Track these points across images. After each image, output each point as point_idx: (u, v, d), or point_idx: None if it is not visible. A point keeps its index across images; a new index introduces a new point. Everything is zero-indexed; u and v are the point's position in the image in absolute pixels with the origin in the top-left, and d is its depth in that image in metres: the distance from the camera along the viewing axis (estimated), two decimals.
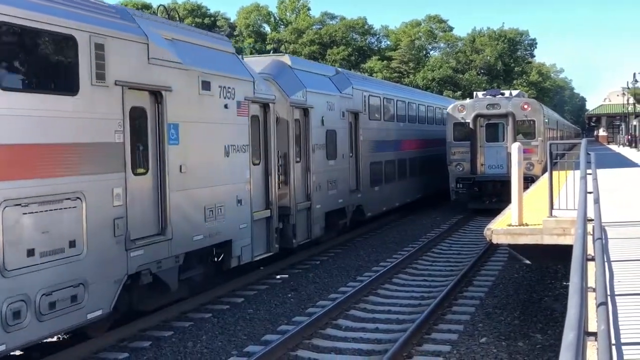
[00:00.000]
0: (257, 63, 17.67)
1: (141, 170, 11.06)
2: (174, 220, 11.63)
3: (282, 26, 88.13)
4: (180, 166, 11.95)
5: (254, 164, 14.96)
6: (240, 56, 16.11)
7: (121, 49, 10.45)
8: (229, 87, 13.70)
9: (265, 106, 15.54)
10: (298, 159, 17.50)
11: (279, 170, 16.34)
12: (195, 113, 12.55)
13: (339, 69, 23.06)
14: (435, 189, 30.78)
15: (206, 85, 12.86)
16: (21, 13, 8.65)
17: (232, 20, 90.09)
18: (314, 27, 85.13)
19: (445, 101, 39.08)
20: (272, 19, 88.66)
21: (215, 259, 13.89)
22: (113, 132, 10.19)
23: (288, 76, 17.64)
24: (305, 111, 17.85)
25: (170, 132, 11.65)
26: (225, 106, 13.61)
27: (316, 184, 18.20)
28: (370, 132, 23.19)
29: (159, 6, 15.48)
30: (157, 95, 11.42)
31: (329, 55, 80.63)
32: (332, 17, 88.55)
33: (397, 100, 27.15)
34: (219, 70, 13.48)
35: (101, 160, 9.89)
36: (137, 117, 10.94)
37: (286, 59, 18.81)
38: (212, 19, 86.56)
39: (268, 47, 78.15)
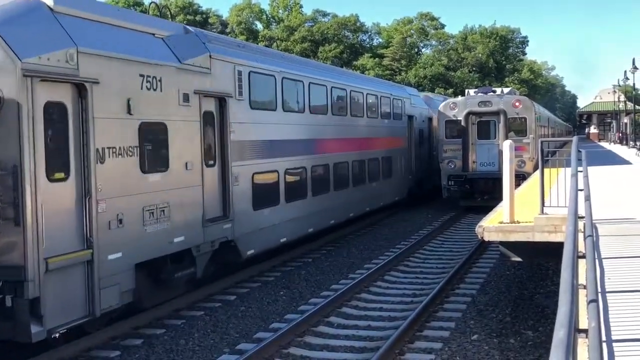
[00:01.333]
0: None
1: None
2: None
3: (274, 23, 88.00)
4: None
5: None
6: None
7: None
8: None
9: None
10: (57, 175, 9.84)
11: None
12: None
13: (192, 28, 14.71)
14: (386, 200, 25.64)
15: None
16: None
17: (224, 18, 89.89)
18: (305, 24, 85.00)
19: (399, 89, 30.15)
20: (264, 17, 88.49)
21: None
22: None
23: (37, 24, 10.04)
24: (80, 88, 10.26)
25: None
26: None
27: (109, 217, 10.61)
28: (254, 127, 15.53)
29: (150, 3, 15.47)
30: None
31: (321, 52, 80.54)
32: (324, 14, 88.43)
33: (310, 83, 19.12)
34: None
35: None
36: None
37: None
38: (204, 16, 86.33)
39: (260, 45, 78.00)
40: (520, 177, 21.61)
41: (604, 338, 4.83)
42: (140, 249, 11.18)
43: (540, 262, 15.89)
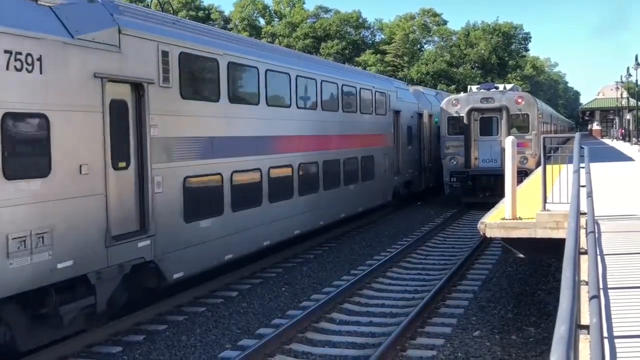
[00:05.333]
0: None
1: None
2: None
3: (277, 19, 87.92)
4: None
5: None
6: None
7: None
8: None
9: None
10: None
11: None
12: None
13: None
14: (367, 204, 23.10)
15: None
16: None
17: (225, 13, 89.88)
18: (308, 20, 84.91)
19: (383, 81, 27.50)
20: (267, 12, 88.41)
21: None
22: None
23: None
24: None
25: None
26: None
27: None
28: (187, 121, 12.88)
29: None
30: None
31: (323, 49, 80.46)
32: (327, 10, 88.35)
33: (267, 70, 16.31)
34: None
35: None
36: None
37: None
38: (206, 12, 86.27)
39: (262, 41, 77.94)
40: (522, 174, 21.60)
41: (605, 334, 4.82)
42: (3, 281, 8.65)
43: (542, 259, 15.87)
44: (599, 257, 7.08)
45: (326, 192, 19.41)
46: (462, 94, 30.24)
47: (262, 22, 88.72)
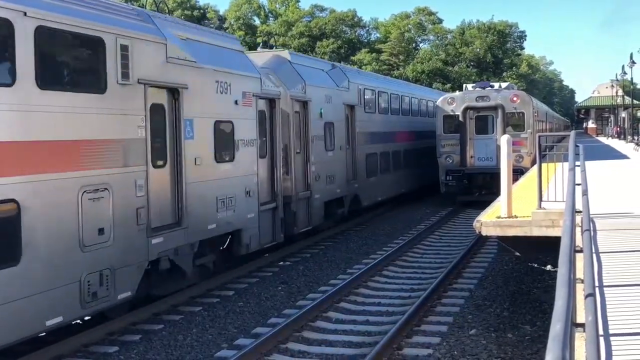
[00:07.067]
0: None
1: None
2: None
3: (272, 18, 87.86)
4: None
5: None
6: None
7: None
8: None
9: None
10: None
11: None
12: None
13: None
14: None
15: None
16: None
17: (221, 13, 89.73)
18: (303, 19, 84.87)
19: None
20: (262, 12, 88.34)
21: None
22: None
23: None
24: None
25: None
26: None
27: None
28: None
29: None
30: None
31: (319, 47, 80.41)
32: (322, 9, 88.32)
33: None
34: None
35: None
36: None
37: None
38: (202, 11, 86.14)
39: (258, 40, 77.75)
40: (518, 172, 21.62)
41: (601, 332, 4.83)
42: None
43: (538, 257, 15.89)
44: (594, 255, 7.11)
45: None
46: (457, 93, 30.27)
47: (257, 21, 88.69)
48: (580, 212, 8.90)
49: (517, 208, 11.71)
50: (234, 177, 14.15)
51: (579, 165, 11.55)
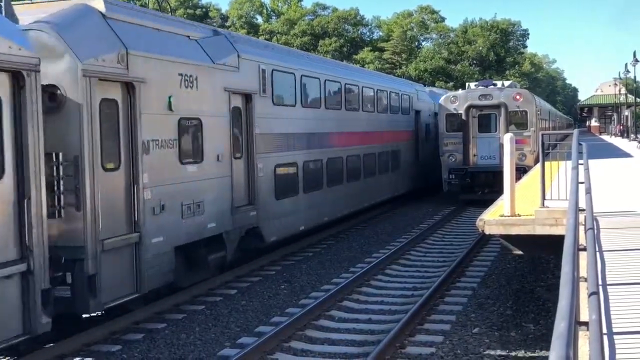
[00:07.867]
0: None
1: None
2: None
3: (274, 17, 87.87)
4: None
5: None
6: None
7: None
8: None
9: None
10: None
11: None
12: None
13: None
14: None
15: None
16: None
17: (223, 11, 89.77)
18: (305, 18, 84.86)
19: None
20: (265, 10, 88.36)
21: None
22: None
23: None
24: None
25: None
26: None
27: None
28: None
29: None
30: None
31: (321, 46, 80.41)
32: (324, 7, 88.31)
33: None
34: None
35: None
36: None
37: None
38: (204, 10, 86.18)
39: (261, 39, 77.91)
40: (521, 171, 21.60)
41: (604, 330, 4.82)
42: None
43: (541, 255, 15.87)
44: (598, 254, 7.08)
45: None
46: (460, 91, 30.23)
47: (259, 19, 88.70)
48: (583, 210, 8.88)
49: (520, 206, 11.69)
50: None
51: (582, 164, 11.53)
